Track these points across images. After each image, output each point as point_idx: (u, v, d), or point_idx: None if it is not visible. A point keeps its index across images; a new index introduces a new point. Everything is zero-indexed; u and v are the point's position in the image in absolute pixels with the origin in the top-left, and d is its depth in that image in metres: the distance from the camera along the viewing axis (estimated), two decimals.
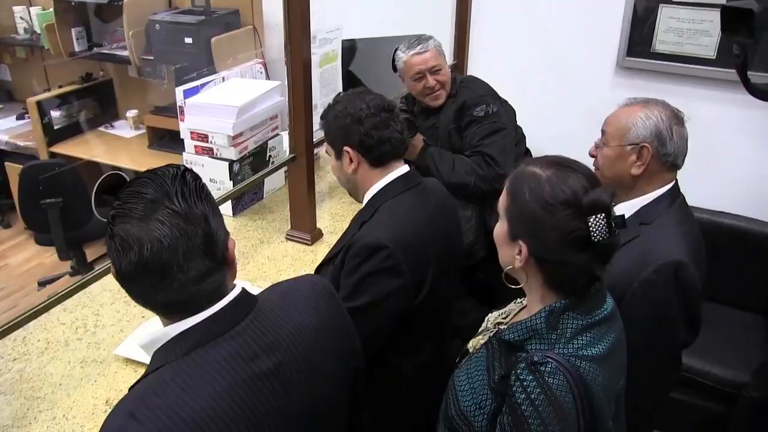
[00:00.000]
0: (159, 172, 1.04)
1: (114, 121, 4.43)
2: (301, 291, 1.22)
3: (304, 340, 1.13)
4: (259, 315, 1.10)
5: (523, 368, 1.18)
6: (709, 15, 2.77)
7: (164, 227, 0.98)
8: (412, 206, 1.66)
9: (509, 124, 2.53)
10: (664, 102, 1.73)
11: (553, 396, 1.14)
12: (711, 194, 2.91)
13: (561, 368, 1.16)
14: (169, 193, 1.00)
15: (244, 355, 1.04)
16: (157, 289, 1.01)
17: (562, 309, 1.23)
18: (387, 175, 1.69)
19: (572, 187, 1.20)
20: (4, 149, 4.34)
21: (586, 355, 1.20)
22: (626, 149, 1.68)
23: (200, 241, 1.00)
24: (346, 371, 1.25)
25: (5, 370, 1.79)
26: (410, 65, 2.52)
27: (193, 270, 1.00)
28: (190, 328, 1.04)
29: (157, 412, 0.95)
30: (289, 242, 2.47)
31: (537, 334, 1.23)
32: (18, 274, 4.07)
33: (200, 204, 1.02)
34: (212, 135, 2.53)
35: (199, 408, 0.97)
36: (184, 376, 1.00)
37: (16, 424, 1.62)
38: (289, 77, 2.22)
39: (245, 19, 3.80)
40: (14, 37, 4.53)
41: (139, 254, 0.97)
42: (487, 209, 2.53)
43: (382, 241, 1.54)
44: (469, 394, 1.31)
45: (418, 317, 1.66)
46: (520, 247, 1.24)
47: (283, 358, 1.08)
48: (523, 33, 3.24)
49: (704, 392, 2.56)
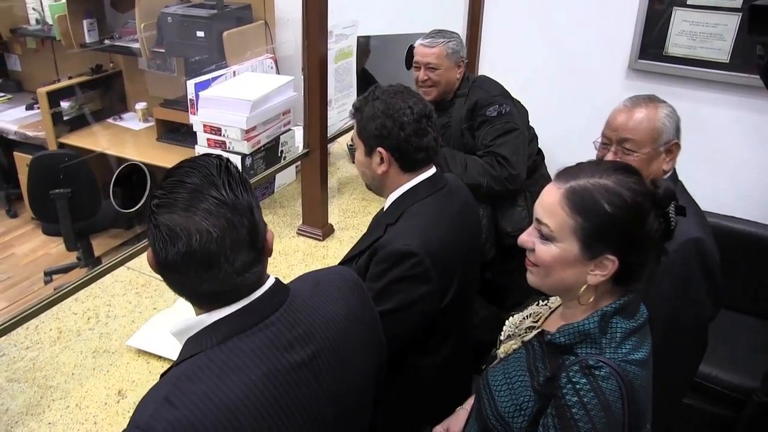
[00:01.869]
0: (201, 162, 1.03)
1: (123, 113, 4.43)
2: (331, 282, 1.23)
3: (336, 331, 1.14)
4: (293, 305, 1.11)
5: (576, 371, 1.16)
6: (724, 18, 2.77)
7: (212, 218, 0.97)
8: (438, 210, 1.65)
9: (522, 124, 2.53)
10: (656, 97, 1.76)
11: (606, 401, 1.13)
12: (721, 199, 2.90)
13: (614, 373, 1.15)
14: (215, 183, 1.00)
15: (278, 344, 1.05)
16: (202, 280, 1.00)
17: (613, 312, 1.22)
18: (414, 178, 1.67)
19: (641, 185, 1.19)
20: (13, 139, 4.34)
21: (634, 359, 1.19)
22: (659, 150, 1.71)
23: (246, 233, 1.00)
24: (373, 363, 1.27)
25: (18, 358, 1.80)
26: (415, 53, 2.56)
27: (238, 261, 1.00)
28: (226, 317, 1.04)
29: (192, 397, 0.96)
30: (300, 237, 2.47)
31: (589, 337, 1.21)
32: (24, 263, 4.08)
33: (245, 195, 1.02)
34: (225, 128, 2.53)
35: (234, 396, 0.97)
36: (219, 363, 1.00)
37: (30, 412, 1.62)
38: (305, 72, 2.22)
39: (257, 13, 3.80)
40: (26, 28, 4.54)
41: (187, 245, 0.97)
42: (498, 209, 2.53)
43: (411, 248, 1.53)
44: (508, 395, 1.29)
45: (442, 318, 1.66)
46: (606, 263, 1.19)
47: (316, 348, 1.10)
48: (535, 33, 3.24)
49: (712, 397, 2.55)
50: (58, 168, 3.43)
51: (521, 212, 2.52)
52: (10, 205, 4.61)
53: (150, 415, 0.95)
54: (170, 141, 4.00)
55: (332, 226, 2.52)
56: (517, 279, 2.63)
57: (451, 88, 2.57)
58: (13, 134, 4.33)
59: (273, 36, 3.80)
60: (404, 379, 1.70)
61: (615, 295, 1.24)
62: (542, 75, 3.26)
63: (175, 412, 0.94)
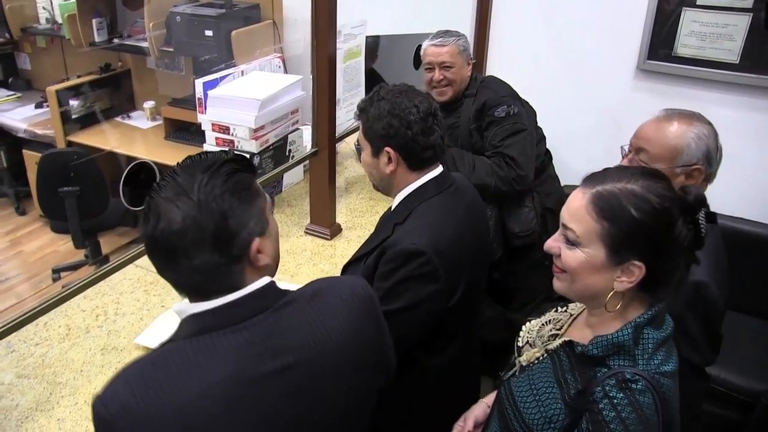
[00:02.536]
0: (199, 158, 1.05)
1: (131, 112, 4.46)
2: (336, 293, 1.17)
3: (327, 346, 1.08)
4: (282, 312, 1.07)
5: (613, 385, 1.14)
6: (734, 19, 2.76)
7: (179, 213, 0.99)
8: (445, 209, 1.64)
9: (530, 125, 2.52)
10: (702, 116, 1.66)
11: (644, 415, 1.12)
12: (732, 200, 2.89)
13: (649, 387, 1.13)
14: (194, 182, 1.01)
15: (249, 350, 1.01)
16: (164, 267, 1.04)
17: (645, 322, 1.19)
18: (422, 177, 1.67)
19: (669, 191, 1.17)
20: (22, 137, 4.37)
21: (666, 371, 1.18)
22: (675, 171, 1.60)
23: (210, 235, 1.00)
24: (371, 384, 1.20)
25: (28, 354, 1.81)
26: (425, 54, 2.55)
27: (198, 260, 1.00)
28: (203, 312, 1.04)
29: (148, 386, 0.96)
30: (308, 236, 2.48)
31: (623, 349, 1.18)
32: (33, 260, 4.10)
33: (224, 200, 1.02)
34: (234, 127, 2.54)
35: (188, 394, 0.96)
36: (184, 357, 0.99)
37: (39, 408, 1.63)
38: (314, 71, 2.22)
39: (265, 13, 3.81)
40: (36, 27, 4.57)
41: (153, 228, 1.01)
42: (505, 210, 2.53)
43: (419, 247, 1.52)
44: (535, 407, 1.26)
45: (449, 318, 1.66)
46: (633, 269, 1.17)
47: (296, 360, 1.04)
48: (543, 34, 3.23)
49: (721, 400, 2.54)
50: (67, 166, 3.46)
51: (528, 213, 2.52)
52: (19, 202, 4.64)
53: (109, 394, 0.97)
54: (178, 140, 4.01)
55: (340, 225, 2.52)
56: (524, 280, 2.66)
57: (464, 87, 2.56)
58: (22, 132, 4.35)
59: (281, 35, 3.81)
60: (411, 379, 1.70)
61: (643, 303, 1.22)
62: (550, 75, 3.26)
63: (130, 399, 0.94)
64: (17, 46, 4.85)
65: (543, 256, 2.66)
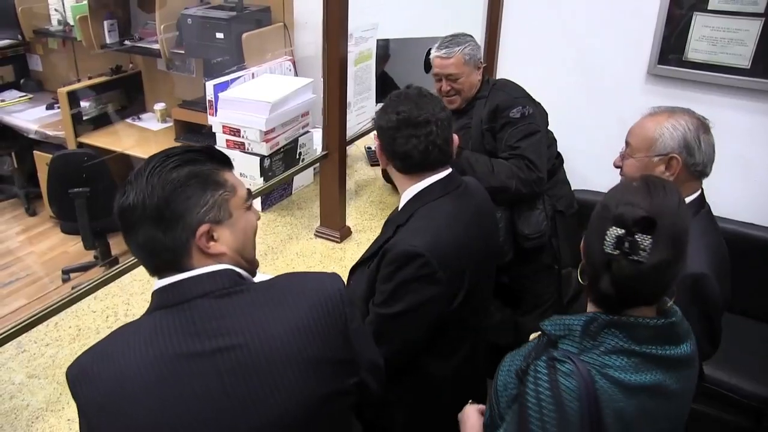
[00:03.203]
0: (172, 148, 1.16)
1: (142, 114, 4.47)
2: (298, 286, 1.18)
3: (268, 335, 1.08)
4: (231, 298, 1.10)
5: (542, 361, 1.18)
6: (745, 24, 2.75)
7: (132, 191, 1.09)
8: (449, 211, 1.64)
9: (543, 126, 2.52)
10: (689, 110, 1.70)
11: (559, 397, 1.13)
12: (742, 205, 2.88)
13: (578, 373, 1.14)
14: (150, 166, 1.11)
15: (188, 328, 1.06)
16: (125, 240, 1.13)
17: (606, 323, 1.20)
18: (423, 180, 1.66)
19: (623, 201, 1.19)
20: (33, 138, 4.39)
21: (613, 375, 1.16)
22: (653, 160, 1.67)
23: (153, 213, 1.08)
24: (327, 384, 1.14)
25: (38, 355, 1.82)
26: (433, 64, 2.54)
27: (142, 236, 1.09)
28: (158, 288, 1.11)
29: (105, 353, 1.07)
30: (318, 239, 2.48)
31: (571, 334, 1.21)
32: (43, 261, 4.12)
33: (171, 183, 1.09)
34: (244, 130, 2.55)
35: (126, 366, 1.04)
36: (134, 330, 1.10)
37: (50, 408, 1.64)
38: (325, 74, 2.23)
39: (276, 16, 3.82)
40: (48, 29, 4.60)
41: (116, 203, 1.11)
42: (516, 212, 2.52)
43: (417, 249, 1.52)
44: (504, 375, 1.31)
45: (453, 321, 1.65)
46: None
47: (233, 344, 1.06)
48: (554, 37, 3.23)
49: (729, 405, 2.52)
50: (78, 167, 3.47)
51: (539, 215, 2.51)
52: (30, 203, 4.66)
53: (75, 361, 1.09)
54: (189, 142, 4.01)
55: (350, 228, 2.52)
56: (533, 283, 2.66)
57: (474, 92, 2.56)
58: (33, 133, 4.37)
59: (292, 38, 3.82)
60: (416, 383, 1.70)
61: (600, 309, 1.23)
62: (560, 79, 3.25)
63: (88, 364, 1.07)
64: (29, 48, 4.87)
65: (552, 260, 2.68)
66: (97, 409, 1.04)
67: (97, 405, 1.04)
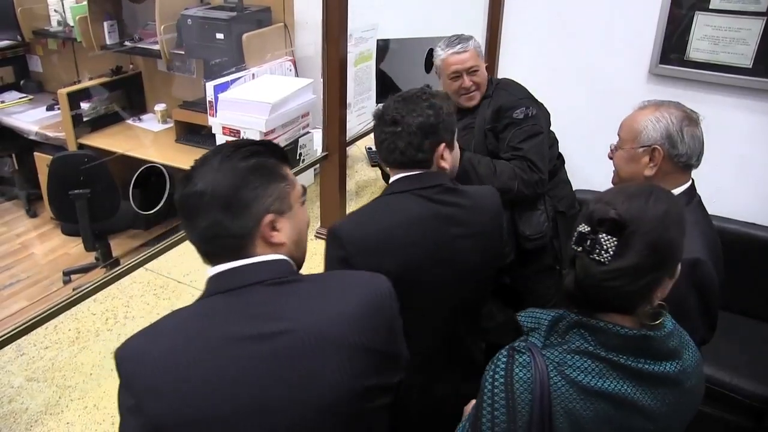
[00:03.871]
0: (235, 141, 1.20)
1: (142, 115, 4.46)
2: (351, 280, 1.25)
3: (323, 323, 1.10)
4: (286, 286, 1.13)
5: (505, 350, 1.20)
6: (747, 23, 2.74)
7: (201, 177, 1.11)
8: (403, 207, 1.62)
9: (546, 127, 2.51)
10: (676, 103, 1.73)
11: (511, 386, 1.15)
12: (743, 205, 2.87)
13: (534, 366, 1.15)
14: (218, 155, 1.14)
15: (244, 311, 1.08)
16: (185, 227, 1.15)
17: (574, 323, 1.19)
18: (398, 173, 1.69)
19: (604, 199, 1.20)
20: (33, 139, 4.38)
21: (570, 375, 1.15)
22: (638, 151, 1.70)
23: (223, 200, 1.10)
24: (375, 375, 1.15)
25: (38, 358, 1.81)
26: (447, 64, 2.49)
27: (208, 220, 1.10)
28: (215, 275, 1.13)
29: (158, 333, 1.09)
30: (318, 240, 2.47)
31: (539, 328, 1.24)
32: (44, 263, 4.11)
33: (240, 171, 1.12)
34: (244, 130, 2.55)
35: (175, 344, 1.06)
36: (188, 314, 1.11)
37: (49, 411, 1.63)
38: (325, 75, 2.22)
39: (276, 16, 3.81)
40: (47, 30, 4.59)
41: (180, 190, 1.13)
42: (517, 213, 2.52)
43: (336, 230, 1.59)
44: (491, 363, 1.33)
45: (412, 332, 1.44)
46: None
47: (286, 328, 1.08)
48: (555, 37, 3.22)
49: (731, 405, 2.51)
50: (78, 169, 3.47)
51: (540, 216, 2.50)
52: (30, 205, 4.66)
53: (127, 340, 1.09)
54: (189, 142, 4.01)
55: None
56: (534, 284, 2.65)
57: (485, 87, 2.54)
58: (33, 135, 4.36)
59: (292, 39, 3.81)
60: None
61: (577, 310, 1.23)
62: (562, 79, 3.24)
63: (140, 344, 1.08)
64: (29, 49, 4.87)
65: (554, 261, 2.66)
66: (145, 386, 1.04)
67: (145, 381, 1.04)
